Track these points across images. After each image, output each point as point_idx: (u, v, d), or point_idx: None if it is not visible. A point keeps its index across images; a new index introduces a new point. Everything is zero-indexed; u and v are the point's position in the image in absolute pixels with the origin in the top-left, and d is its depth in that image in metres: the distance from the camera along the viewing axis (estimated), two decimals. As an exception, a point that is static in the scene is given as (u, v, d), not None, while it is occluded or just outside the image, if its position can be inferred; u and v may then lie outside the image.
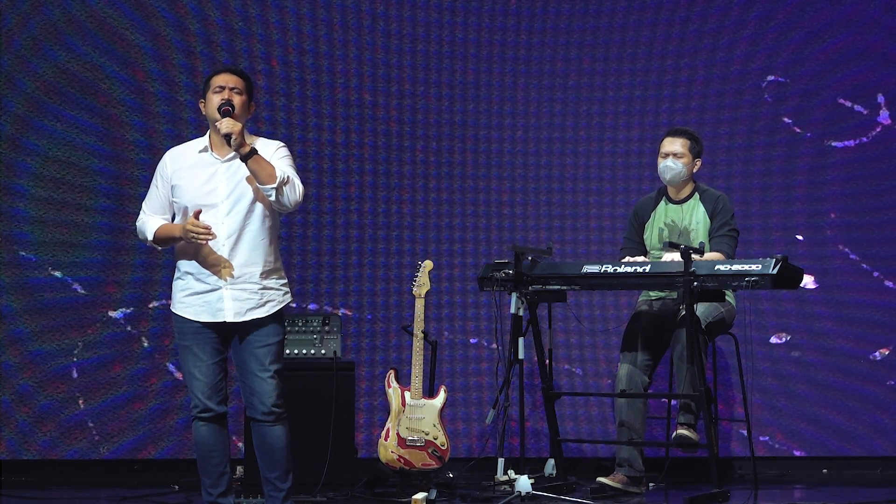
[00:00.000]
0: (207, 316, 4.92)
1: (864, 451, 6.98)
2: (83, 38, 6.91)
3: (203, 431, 4.95)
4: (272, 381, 4.91)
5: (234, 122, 4.82)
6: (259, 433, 4.95)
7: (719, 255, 6.01)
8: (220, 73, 5.00)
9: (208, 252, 4.90)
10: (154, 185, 5.05)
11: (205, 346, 4.93)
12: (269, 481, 4.98)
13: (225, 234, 4.90)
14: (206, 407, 4.92)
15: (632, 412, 6.02)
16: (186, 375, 4.97)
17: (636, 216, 6.32)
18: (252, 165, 4.83)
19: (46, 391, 6.82)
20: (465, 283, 7.10)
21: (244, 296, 4.92)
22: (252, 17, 7.02)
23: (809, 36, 7.10)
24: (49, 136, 6.89)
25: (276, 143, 5.06)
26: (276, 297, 4.98)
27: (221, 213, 4.91)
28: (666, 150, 6.20)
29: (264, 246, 4.95)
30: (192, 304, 4.94)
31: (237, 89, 4.94)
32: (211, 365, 4.93)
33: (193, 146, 5.05)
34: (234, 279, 4.90)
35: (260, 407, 4.91)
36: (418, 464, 6.15)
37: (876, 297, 7.05)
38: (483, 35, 7.15)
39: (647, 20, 7.14)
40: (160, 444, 6.87)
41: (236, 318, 4.90)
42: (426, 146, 7.13)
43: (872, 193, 7.09)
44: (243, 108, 4.96)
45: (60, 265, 6.87)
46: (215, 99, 4.92)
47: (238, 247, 4.91)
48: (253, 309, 4.93)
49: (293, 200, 4.90)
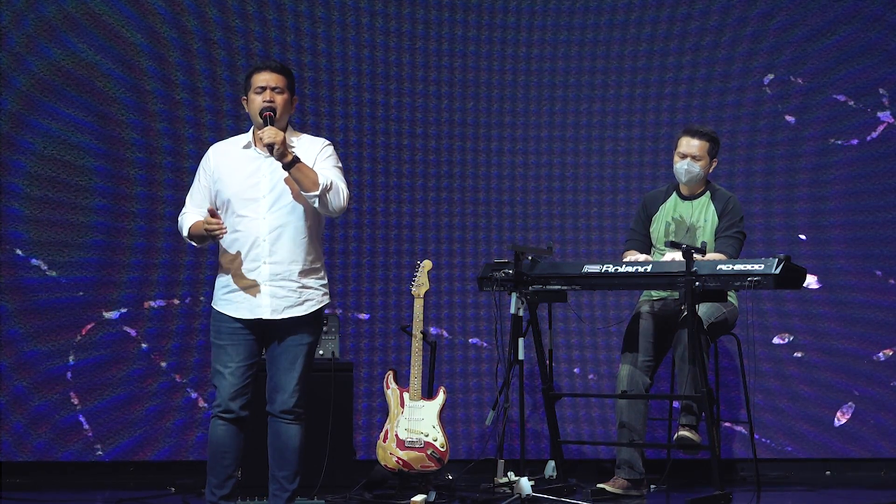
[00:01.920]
0: (246, 312, 4.93)
1: (867, 453, 6.98)
2: (79, 35, 6.88)
3: (220, 431, 4.96)
4: (299, 381, 4.94)
5: (276, 132, 4.83)
6: (275, 429, 4.98)
7: (721, 255, 5.99)
8: (262, 71, 4.98)
9: (248, 249, 4.91)
10: (197, 178, 5.08)
11: (239, 347, 4.94)
12: (276, 480, 4.99)
13: (266, 229, 4.91)
14: (227, 408, 4.94)
15: (633, 413, 6.01)
16: (214, 373, 4.98)
17: (644, 208, 6.29)
18: (295, 174, 4.85)
19: (41, 392, 6.79)
20: (464, 283, 7.08)
21: (282, 293, 4.92)
22: (250, 15, 6.99)
23: (812, 33, 7.10)
24: (44, 134, 6.86)
25: (321, 141, 5.07)
26: (314, 297, 4.99)
27: (263, 209, 4.92)
28: (684, 151, 6.16)
29: (305, 244, 4.95)
30: (232, 300, 4.95)
31: (278, 88, 4.95)
32: (242, 367, 4.94)
33: (237, 142, 5.08)
34: (273, 276, 4.91)
35: (281, 404, 4.94)
36: (417, 465, 6.14)
37: (880, 297, 7.04)
38: (483, 33, 7.13)
39: (648, 17, 7.13)
40: (157, 446, 6.84)
41: (273, 316, 4.92)
42: (425, 145, 7.11)
43: (876, 192, 7.08)
44: (285, 107, 4.97)
45: (56, 265, 6.83)
46: (257, 100, 4.94)
47: (279, 243, 4.92)
48: (291, 307, 4.94)
49: (337, 206, 4.93)
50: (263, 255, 4.91)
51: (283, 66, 5.03)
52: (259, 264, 4.92)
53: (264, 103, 4.91)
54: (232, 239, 4.94)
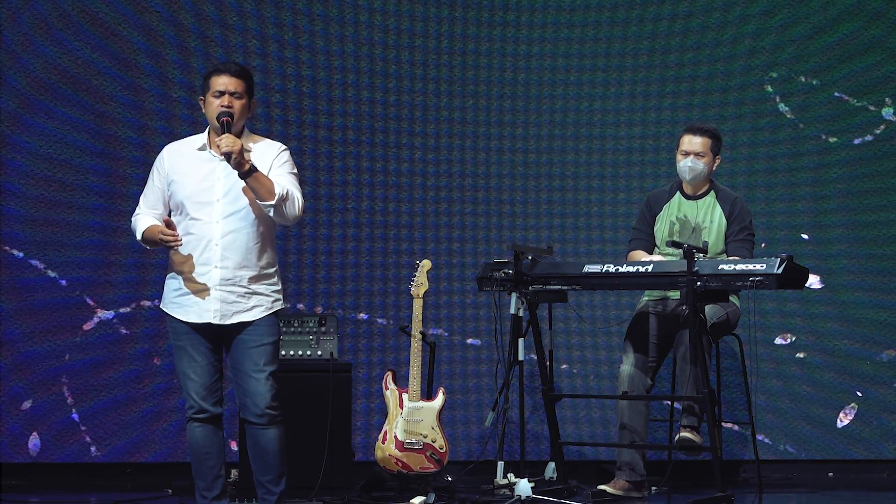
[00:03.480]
0: (195, 316, 4.90)
1: (870, 455, 6.97)
2: (75, 33, 6.86)
3: (198, 433, 4.94)
4: (267, 382, 4.88)
5: (234, 141, 4.79)
6: (252, 436, 4.94)
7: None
8: (220, 75, 4.95)
9: (200, 252, 4.88)
10: (150, 179, 5.04)
11: (199, 346, 4.92)
12: (261, 484, 4.97)
13: (219, 234, 4.88)
14: (201, 408, 4.91)
15: (634, 414, 6.00)
16: (181, 376, 4.96)
17: (649, 207, 6.26)
18: (251, 183, 4.83)
19: (37, 393, 6.77)
20: (464, 283, 7.06)
21: (231, 298, 4.89)
22: (247, 13, 6.98)
23: (813, 31, 7.10)
24: (40, 133, 6.84)
25: (277, 146, 5.04)
26: (264, 303, 4.95)
27: (217, 213, 4.89)
28: (686, 149, 6.13)
29: (257, 249, 4.92)
30: (182, 303, 4.93)
31: (237, 93, 4.92)
32: (205, 365, 4.92)
33: (192, 143, 5.04)
34: (223, 281, 4.88)
35: (253, 409, 4.89)
36: (416, 467, 6.12)
37: (883, 297, 7.04)
38: (482, 30, 7.11)
39: (649, 15, 7.11)
40: (153, 447, 6.82)
41: (222, 321, 4.89)
42: (424, 143, 7.08)
43: (878, 191, 7.07)
44: (243, 112, 4.95)
45: (52, 265, 6.81)
46: (215, 104, 4.90)
47: (231, 248, 4.89)
48: (239, 312, 4.90)
49: (292, 215, 4.91)
50: (215, 260, 4.88)
51: (242, 70, 4.98)
52: (210, 268, 4.88)
53: (221, 108, 4.87)
54: (184, 241, 4.89)
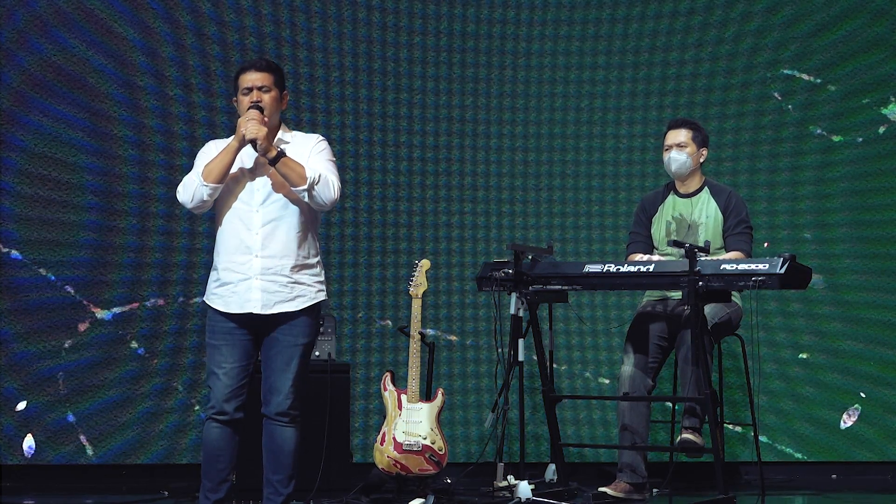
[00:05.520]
0: (236, 307, 4.91)
1: (874, 456, 6.97)
2: (70, 30, 6.85)
3: (214, 433, 4.95)
4: (294, 382, 4.91)
5: (258, 127, 4.83)
6: (270, 432, 4.95)
7: (740, 254, 5.99)
8: (247, 71, 4.98)
9: (241, 241, 4.91)
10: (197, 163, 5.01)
11: (234, 347, 4.93)
12: (270, 483, 4.97)
13: (259, 223, 4.92)
14: (221, 409, 4.93)
15: (635, 416, 6.00)
16: (209, 374, 4.97)
17: (643, 210, 6.26)
18: (281, 168, 4.87)
19: (32, 394, 6.74)
20: (463, 283, 7.05)
21: (273, 288, 4.91)
22: (244, 9, 6.97)
23: (816, 28, 7.10)
24: (35, 131, 6.82)
25: (314, 136, 5.09)
26: (307, 293, 4.96)
27: (257, 202, 4.93)
28: (669, 143, 6.19)
29: (298, 239, 4.94)
30: (222, 294, 4.95)
31: (265, 87, 4.95)
32: (236, 367, 4.92)
33: None
34: (265, 270, 4.89)
35: (276, 406, 4.92)
36: (415, 469, 6.11)
37: (886, 297, 7.04)
38: (482, 27, 7.09)
39: (650, 12, 7.12)
40: (150, 449, 6.79)
41: (263, 311, 4.90)
42: (423, 142, 7.07)
43: (882, 190, 7.07)
44: (274, 104, 4.97)
45: (47, 264, 6.79)
46: (245, 101, 4.95)
47: (271, 237, 4.91)
48: (281, 302, 4.91)
49: (328, 199, 4.93)
50: (255, 249, 4.90)
51: (269, 64, 5.01)
52: (251, 258, 4.90)
53: (251, 103, 4.91)
54: (225, 231, 4.94)
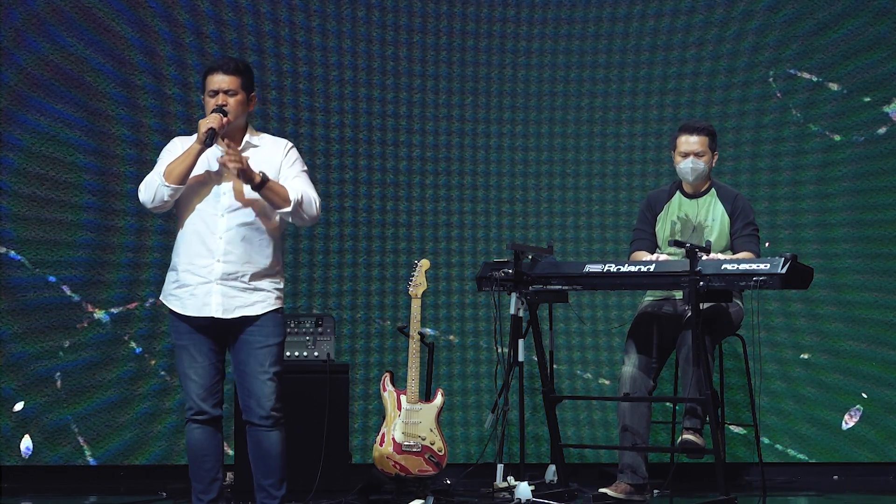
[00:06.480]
0: (193, 310, 4.86)
1: (876, 457, 6.95)
2: (68, 29, 6.85)
3: (196, 434, 4.92)
4: (271, 383, 4.86)
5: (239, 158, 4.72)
6: (255, 438, 4.90)
7: (749, 254, 5.98)
8: (215, 73, 4.90)
9: (203, 245, 4.85)
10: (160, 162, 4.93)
11: (201, 346, 4.88)
12: (262, 488, 4.94)
13: (223, 227, 4.86)
14: (200, 409, 4.89)
15: (635, 416, 5.98)
16: (181, 376, 4.94)
17: (649, 207, 6.23)
18: (265, 194, 4.83)
19: (30, 394, 6.74)
20: (463, 283, 7.03)
21: (232, 293, 4.86)
22: (243, 8, 6.97)
23: (818, 27, 7.07)
24: (33, 130, 6.82)
25: (283, 143, 5.02)
26: (266, 299, 4.91)
27: (223, 207, 4.87)
28: (685, 150, 6.10)
29: (261, 247, 4.89)
30: (180, 296, 4.89)
31: (231, 91, 4.87)
32: (207, 366, 4.89)
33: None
34: (225, 275, 4.84)
35: (258, 410, 4.86)
36: (415, 470, 6.11)
37: (888, 297, 7.01)
38: (481, 26, 7.07)
39: (650, 10, 7.10)
40: (148, 450, 6.80)
41: (224, 315, 4.85)
42: (422, 141, 7.05)
43: (884, 189, 7.04)
44: (240, 108, 4.89)
45: (44, 264, 6.79)
46: (210, 103, 4.88)
47: (234, 243, 4.85)
48: (242, 307, 4.87)
49: (311, 216, 4.93)
50: (218, 254, 4.84)
51: (237, 66, 4.90)
52: (212, 262, 4.84)
53: (216, 106, 4.82)
54: (188, 233, 4.87)
